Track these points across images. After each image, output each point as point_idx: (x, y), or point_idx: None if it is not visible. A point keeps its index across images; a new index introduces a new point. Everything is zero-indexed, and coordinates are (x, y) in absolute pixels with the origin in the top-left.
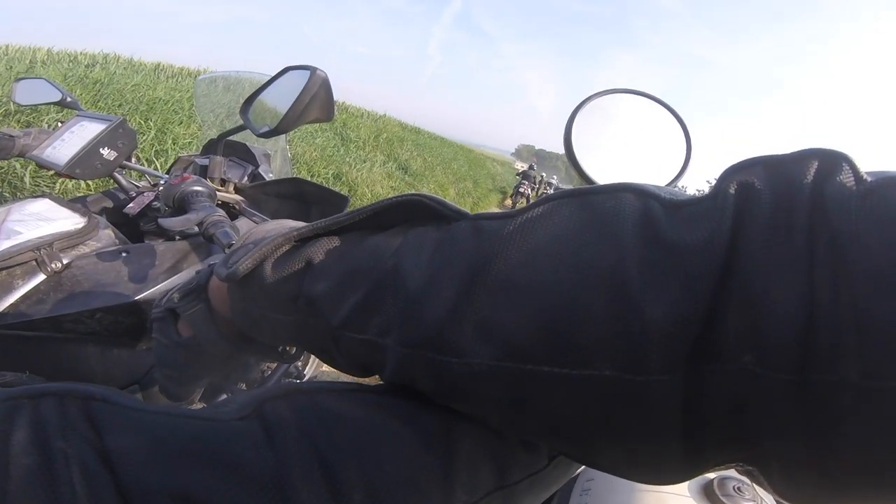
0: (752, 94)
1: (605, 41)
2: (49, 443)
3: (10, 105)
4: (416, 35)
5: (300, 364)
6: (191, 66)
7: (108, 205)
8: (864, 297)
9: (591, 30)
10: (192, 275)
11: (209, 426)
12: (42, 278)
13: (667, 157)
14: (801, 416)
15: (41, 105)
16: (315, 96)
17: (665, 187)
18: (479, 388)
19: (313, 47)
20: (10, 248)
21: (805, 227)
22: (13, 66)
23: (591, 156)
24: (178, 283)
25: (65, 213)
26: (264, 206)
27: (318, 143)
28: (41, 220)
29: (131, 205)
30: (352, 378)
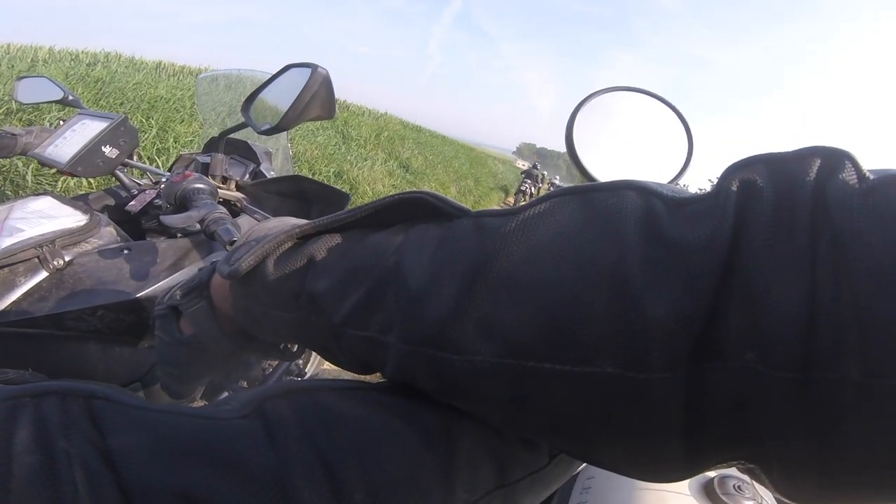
0: (752, 94)
1: (605, 41)
2: (51, 442)
3: (12, 103)
4: (417, 35)
5: (301, 362)
6: (192, 64)
7: (110, 202)
8: (865, 295)
9: (591, 30)
10: (193, 272)
11: (210, 425)
12: (44, 276)
13: (668, 154)
14: (803, 414)
15: (43, 103)
16: (316, 94)
17: (667, 184)
18: (480, 386)
19: (314, 47)
20: (12, 245)
21: (807, 225)
22: (15, 65)
23: (592, 153)
24: (180, 281)
25: (67, 210)
26: (265, 203)
27: (320, 142)
28: (43, 218)
29: (133, 202)
30: (352, 376)
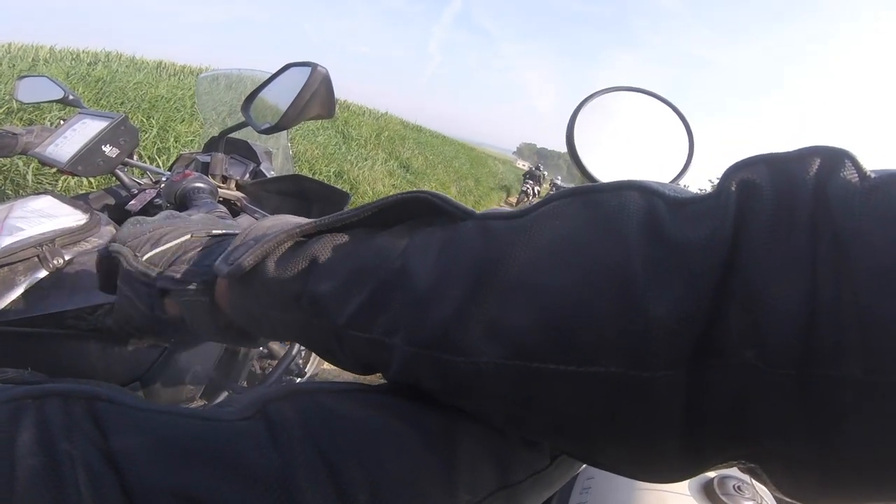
0: (752, 94)
1: (605, 41)
2: (54, 444)
3: (12, 103)
4: (417, 35)
5: (301, 362)
6: (193, 64)
7: (110, 202)
8: (867, 294)
9: (591, 30)
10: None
11: (213, 426)
12: (44, 274)
13: (669, 154)
14: (804, 413)
15: (44, 103)
16: (316, 93)
17: (669, 184)
18: (485, 387)
19: (314, 47)
20: (11, 244)
21: (807, 224)
22: (15, 65)
23: (593, 154)
24: (179, 254)
25: (67, 209)
26: (265, 203)
27: (320, 142)
28: (43, 217)
29: (133, 202)
30: (353, 376)
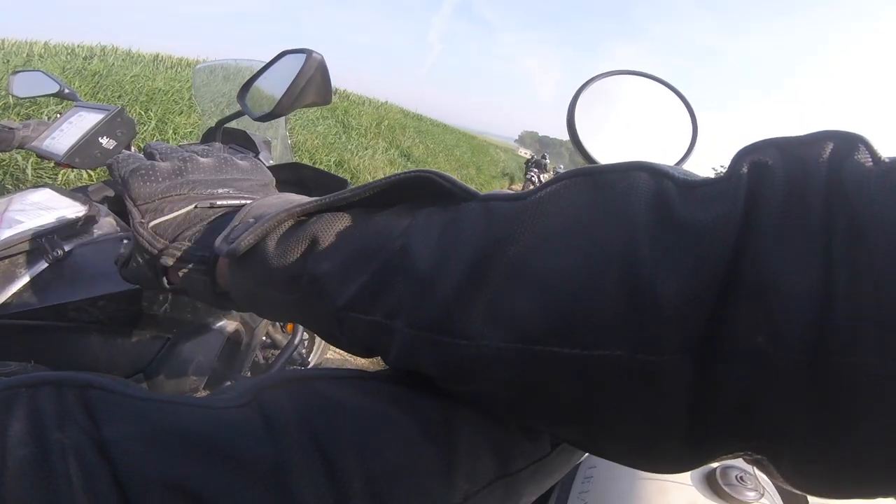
0: (759, 85)
1: (607, 30)
2: (46, 433)
3: (9, 98)
4: (417, 25)
5: (304, 351)
6: (190, 56)
7: (110, 194)
8: (885, 278)
9: (593, 19)
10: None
11: (207, 414)
12: (44, 266)
13: (672, 138)
14: (815, 402)
15: (39, 97)
16: (311, 79)
17: (679, 168)
18: (486, 371)
19: (312, 37)
20: (11, 236)
21: (821, 207)
22: (10, 60)
23: (594, 138)
24: (183, 227)
25: (66, 202)
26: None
27: (320, 131)
28: (42, 210)
29: None
30: (357, 363)
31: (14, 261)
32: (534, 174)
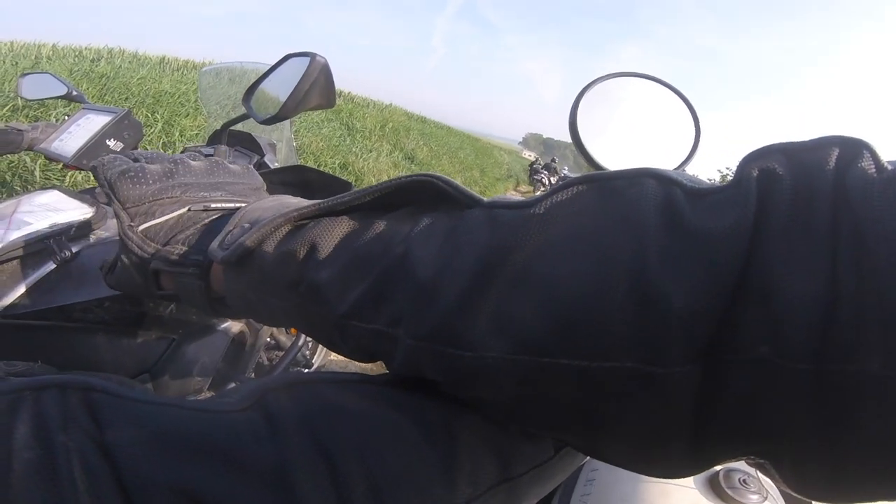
0: (762, 87)
1: (610, 32)
2: (50, 436)
3: (17, 100)
4: (420, 27)
5: (308, 353)
6: (196, 58)
7: None
8: (888, 286)
9: (596, 20)
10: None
11: (210, 418)
12: (52, 267)
13: (674, 141)
14: (817, 409)
15: (48, 99)
16: (315, 82)
17: (685, 174)
18: (491, 381)
19: (316, 40)
20: (19, 238)
21: (827, 214)
22: (18, 62)
23: (597, 141)
24: (176, 230)
25: (73, 203)
26: (269, 193)
27: (325, 134)
28: (50, 211)
29: None
30: (361, 367)
31: (22, 262)
32: (544, 176)
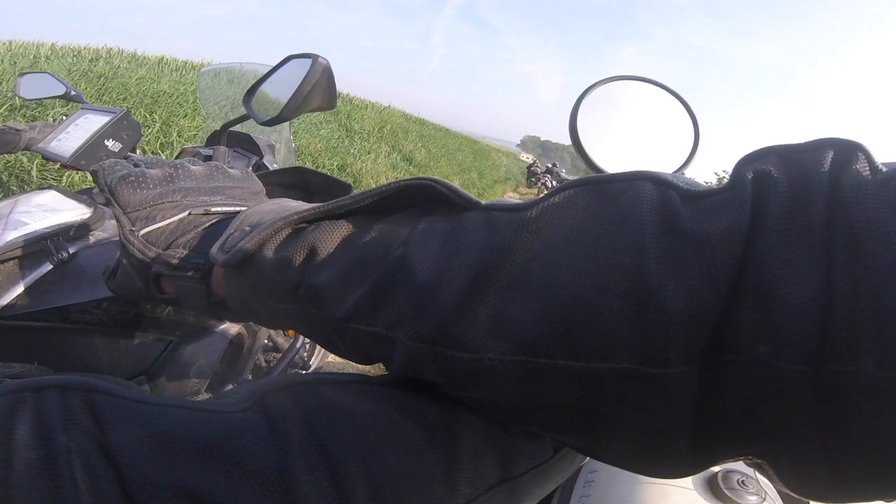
0: (761, 89)
1: (610, 33)
2: (51, 437)
3: (15, 100)
4: (419, 28)
5: (306, 354)
6: (195, 59)
7: None
8: (882, 287)
9: (596, 22)
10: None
11: (211, 418)
12: (49, 268)
13: (674, 143)
14: (815, 409)
15: (46, 99)
16: (317, 84)
17: (681, 176)
18: (490, 382)
19: (316, 41)
20: (16, 238)
21: (822, 216)
22: (17, 62)
23: (597, 144)
24: (177, 234)
25: (71, 204)
26: (268, 195)
27: (323, 135)
28: (47, 212)
29: None
30: (358, 368)
31: (19, 263)
32: (547, 180)
